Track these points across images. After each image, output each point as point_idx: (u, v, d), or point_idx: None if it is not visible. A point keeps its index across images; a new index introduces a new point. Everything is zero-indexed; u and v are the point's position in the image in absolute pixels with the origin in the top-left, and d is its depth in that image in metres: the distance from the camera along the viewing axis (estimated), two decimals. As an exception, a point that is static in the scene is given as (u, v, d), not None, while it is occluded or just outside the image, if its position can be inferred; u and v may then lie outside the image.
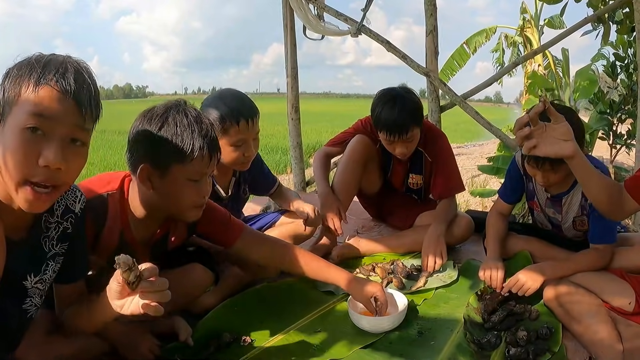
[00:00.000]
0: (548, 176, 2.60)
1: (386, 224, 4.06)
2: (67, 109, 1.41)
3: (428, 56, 5.00)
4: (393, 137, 3.16)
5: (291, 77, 5.59)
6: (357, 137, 3.46)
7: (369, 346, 2.33)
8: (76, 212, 1.80)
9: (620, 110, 7.62)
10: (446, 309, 2.70)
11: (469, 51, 15.23)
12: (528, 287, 2.55)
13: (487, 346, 2.27)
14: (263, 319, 2.58)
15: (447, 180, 3.46)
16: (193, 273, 2.47)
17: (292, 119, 5.63)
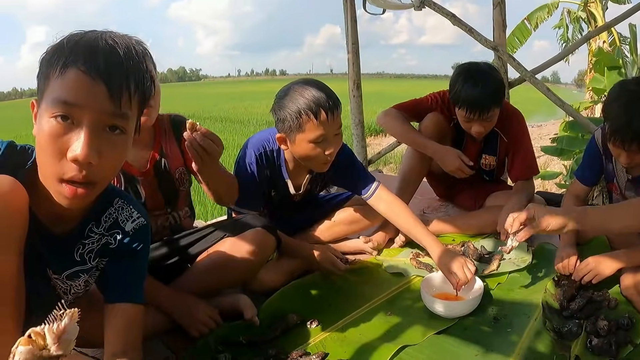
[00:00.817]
0: (633, 157, 2.44)
1: (453, 204, 3.93)
2: (96, 94, 1.26)
3: (495, 29, 4.79)
4: (472, 115, 3.02)
5: (352, 53, 5.43)
6: (431, 115, 3.31)
7: (443, 332, 2.23)
8: (126, 231, 1.65)
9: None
10: (521, 294, 2.58)
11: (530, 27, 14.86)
12: (596, 273, 2.42)
13: (568, 335, 2.14)
14: (331, 301, 2.52)
15: (525, 162, 3.30)
16: (256, 237, 2.34)
17: (353, 96, 5.48)
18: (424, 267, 2.81)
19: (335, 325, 2.30)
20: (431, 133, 3.26)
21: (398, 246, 3.15)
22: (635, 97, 2.34)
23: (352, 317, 2.37)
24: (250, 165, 2.58)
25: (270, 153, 2.62)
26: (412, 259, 2.90)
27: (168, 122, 2.40)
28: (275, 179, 2.70)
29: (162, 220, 2.43)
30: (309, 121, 2.35)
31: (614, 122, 2.39)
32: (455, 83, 3.06)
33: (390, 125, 3.35)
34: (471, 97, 2.96)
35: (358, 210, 3.04)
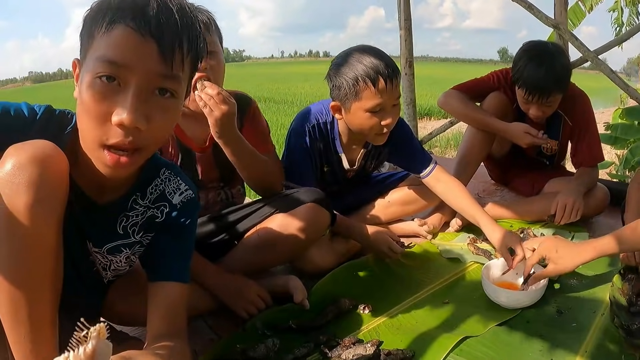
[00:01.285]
0: None
1: (509, 189, 3.81)
2: (145, 53, 1.18)
3: (557, 6, 4.62)
4: (532, 97, 2.89)
5: (404, 29, 5.27)
6: (494, 95, 3.19)
7: (505, 323, 2.11)
8: (174, 204, 1.56)
9: None
10: (585, 286, 2.44)
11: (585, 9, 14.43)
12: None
13: (637, 333, 1.98)
14: (384, 286, 2.42)
15: (591, 148, 3.16)
16: (310, 213, 2.25)
17: (405, 74, 5.32)
18: (482, 253, 2.70)
19: (389, 311, 2.20)
20: (495, 113, 3.14)
21: (454, 230, 3.05)
22: None
23: (407, 304, 2.27)
24: (303, 138, 2.54)
25: (324, 125, 2.57)
26: (469, 244, 2.80)
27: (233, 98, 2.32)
28: (328, 153, 2.66)
29: (213, 195, 2.37)
30: (366, 88, 2.28)
31: None
32: (519, 60, 2.93)
33: (454, 105, 3.24)
34: (533, 78, 2.83)
35: (413, 190, 2.97)
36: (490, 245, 2.76)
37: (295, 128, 2.60)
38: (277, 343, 1.88)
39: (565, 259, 2.17)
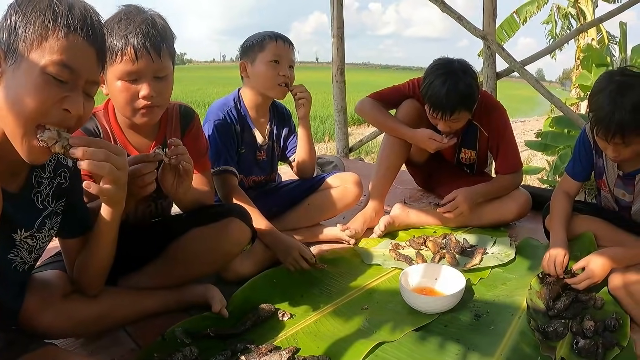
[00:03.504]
0: (619, 150, 2.36)
1: (435, 195, 3.86)
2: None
3: (485, 18, 4.71)
4: (436, 114, 2.96)
5: (337, 37, 5.32)
6: (407, 102, 3.25)
7: (423, 328, 2.12)
8: (69, 167, 1.74)
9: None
10: (504, 290, 2.48)
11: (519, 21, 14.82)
12: (595, 280, 2.32)
13: (552, 336, 2.04)
14: (304, 292, 2.42)
15: (507, 157, 3.23)
16: (230, 228, 2.23)
17: (337, 82, 5.36)
18: (403, 259, 2.72)
19: (308, 318, 2.19)
20: (408, 120, 3.20)
21: (377, 236, 3.06)
22: (620, 88, 2.27)
23: (326, 310, 2.26)
24: (222, 124, 2.72)
25: (235, 107, 2.81)
26: (391, 250, 2.82)
27: (177, 111, 2.31)
28: (244, 133, 2.83)
29: (143, 207, 2.32)
30: (270, 42, 2.72)
31: (597, 113, 2.33)
32: (426, 77, 3.00)
33: (367, 112, 3.33)
34: (436, 96, 2.91)
35: (332, 193, 2.99)
36: (414, 250, 2.82)
37: (213, 118, 2.73)
38: (195, 351, 1.86)
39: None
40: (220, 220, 2.23)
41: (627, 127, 2.23)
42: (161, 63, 1.92)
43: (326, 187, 3.00)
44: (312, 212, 2.99)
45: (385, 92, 3.37)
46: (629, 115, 2.20)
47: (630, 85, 2.26)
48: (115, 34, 1.85)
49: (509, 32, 14.45)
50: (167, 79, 2.00)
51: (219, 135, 2.68)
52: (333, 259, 2.74)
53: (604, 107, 2.27)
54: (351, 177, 3.03)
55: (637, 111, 2.21)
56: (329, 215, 3.04)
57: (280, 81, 2.73)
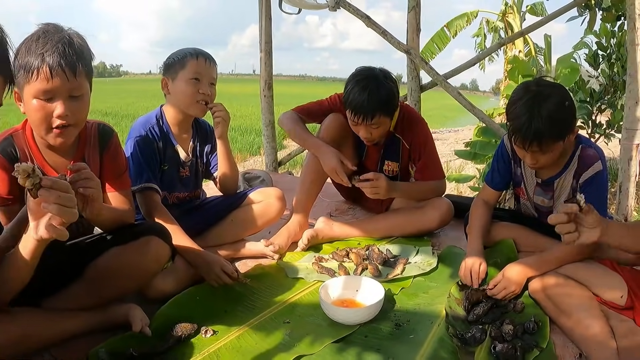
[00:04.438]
0: (537, 157, 2.45)
1: (361, 207, 3.90)
2: None
3: (409, 33, 4.81)
4: (357, 119, 3.00)
5: (265, 52, 5.36)
6: (332, 116, 3.28)
7: (342, 340, 2.14)
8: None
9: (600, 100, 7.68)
10: (425, 299, 2.53)
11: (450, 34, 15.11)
12: (512, 289, 2.38)
13: (471, 341, 2.09)
14: (228, 308, 2.41)
15: (428, 168, 3.30)
16: (149, 246, 2.23)
17: (264, 96, 5.40)
18: (326, 271, 2.74)
19: (231, 334, 2.18)
20: (331, 134, 3.23)
21: (301, 250, 3.08)
22: (536, 98, 2.35)
23: (249, 325, 2.26)
24: (145, 141, 2.71)
25: (157, 124, 2.80)
26: (314, 263, 2.84)
27: (95, 130, 2.28)
28: (167, 150, 2.83)
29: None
30: (190, 60, 2.72)
31: (515, 122, 2.40)
32: (348, 84, 3.04)
33: (286, 125, 3.35)
34: (357, 101, 2.95)
35: (255, 209, 3.00)
36: (337, 262, 2.85)
37: (135, 135, 2.72)
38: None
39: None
40: (138, 238, 2.22)
41: (544, 135, 2.31)
42: (77, 82, 1.91)
43: (249, 202, 3.01)
44: (236, 227, 2.99)
45: (308, 106, 3.41)
46: (545, 124, 2.28)
47: (545, 95, 2.35)
48: (32, 52, 1.83)
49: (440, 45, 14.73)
50: (83, 99, 1.98)
51: (141, 152, 2.67)
52: (257, 274, 2.74)
53: (521, 117, 2.34)
54: (274, 192, 3.05)
55: (552, 119, 2.29)
56: (252, 230, 3.04)
57: (200, 99, 2.72)
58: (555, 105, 2.32)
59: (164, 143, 2.79)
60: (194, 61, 2.71)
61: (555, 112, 2.31)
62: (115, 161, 2.30)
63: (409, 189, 3.28)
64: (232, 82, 20.96)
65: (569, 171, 2.59)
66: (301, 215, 3.22)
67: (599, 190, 2.53)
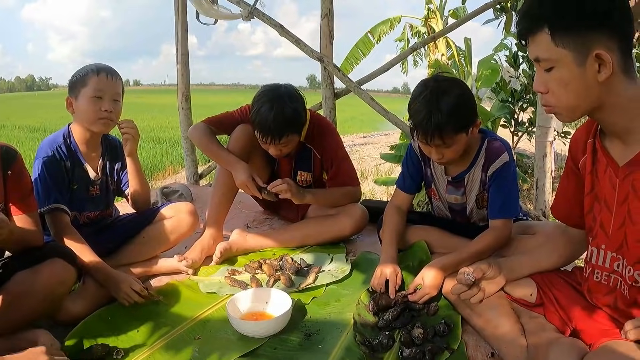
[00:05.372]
0: (442, 152, 2.51)
1: (279, 217, 3.91)
2: None
3: (322, 41, 4.85)
4: (265, 139, 3.02)
5: (182, 64, 5.31)
6: (240, 127, 3.28)
7: (251, 353, 2.14)
8: None
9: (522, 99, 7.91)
10: (337, 307, 2.54)
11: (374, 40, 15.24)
12: (433, 293, 2.41)
13: (378, 348, 2.11)
14: (139, 327, 2.37)
15: (340, 175, 3.32)
16: (53, 269, 2.19)
17: (182, 109, 5.35)
18: (238, 284, 2.73)
19: (142, 353, 2.16)
20: (240, 145, 3.23)
21: (215, 263, 3.05)
22: (434, 92, 2.42)
23: (160, 343, 2.23)
24: (51, 162, 2.66)
25: (65, 143, 2.76)
26: (227, 277, 2.82)
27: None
28: (75, 169, 2.78)
29: None
30: (92, 77, 2.67)
31: (415, 118, 2.46)
32: (254, 103, 3.04)
33: (195, 137, 3.33)
34: (264, 123, 2.95)
35: (166, 224, 2.98)
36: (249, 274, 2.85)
37: (42, 155, 2.67)
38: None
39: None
40: (43, 262, 2.18)
41: (444, 127, 2.37)
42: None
43: (160, 218, 2.98)
44: (148, 244, 2.95)
45: (219, 118, 3.39)
46: (444, 117, 2.35)
47: (443, 89, 2.42)
48: None
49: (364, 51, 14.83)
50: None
51: (48, 172, 2.62)
52: (170, 291, 2.71)
53: (421, 112, 2.40)
54: (185, 206, 3.03)
55: (450, 112, 2.36)
56: (165, 246, 3.01)
57: (103, 116, 2.68)
58: (453, 98, 2.40)
59: (72, 162, 2.75)
60: (94, 78, 2.67)
61: (453, 105, 2.38)
62: (19, 183, 2.24)
63: (321, 195, 3.29)
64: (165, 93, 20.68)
65: (477, 165, 2.66)
66: (214, 228, 3.21)
67: (508, 182, 2.61)
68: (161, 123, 26.62)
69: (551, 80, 1.69)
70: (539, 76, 1.73)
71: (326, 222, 3.27)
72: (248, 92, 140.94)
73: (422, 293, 2.39)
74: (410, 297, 2.40)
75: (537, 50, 1.69)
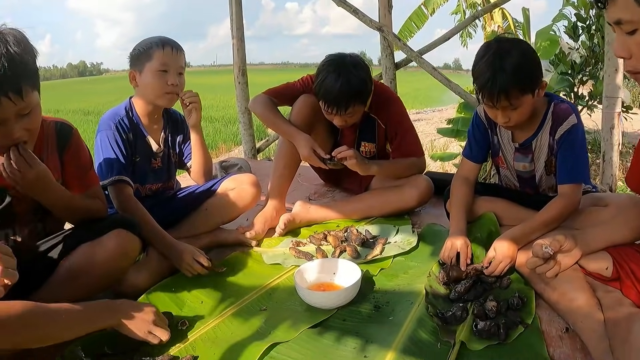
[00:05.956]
0: (509, 114, 2.42)
1: (340, 189, 3.86)
2: None
3: (381, 10, 4.77)
4: (331, 110, 2.96)
5: (237, 38, 5.28)
6: (303, 98, 3.22)
7: (320, 324, 2.09)
8: None
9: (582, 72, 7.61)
10: (405, 279, 2.47)
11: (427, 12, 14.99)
12: (509, 261, 2.32)
13: (451, 320, 2.04)
14: (204, 298, 2.35)
15: (406, 146, 3.25)
16: (118, 240, 2.16)
17: (239, 83, 5.33)
18: (303, 256, 2.69)
19: (207, 325, 2.13)
20: (303, 116, 3.18)
21: (278, 235, 3.03)
22: (497, 53, 2.35)
23: (225, 315, 2.20)
24: (113, 135, 2.64)
25: (127, 116, 2.75)
26: (291, 248, 2.78)
27: (53, 129, 2.19)
28: (137, 141, 2.77)
29: (31, 228, 2.22)
30: (157, 50, 2.65)
31: (480, 80, 2.39)
32: (319, 74, 2.98)
33: (256, 109, 3.29)
34: (330, 93, 2.90)
35: (229, 196, 2.93)
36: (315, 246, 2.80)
37: (104, 128, 2.66)
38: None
39: None
40: (107, 233, 2.15)
41: (510, 87, 2.29)
42: (23, 102, 1.79)
43: (223, 190, 2.94)
44: (211, 216, 2.92)
45: (279, 89, 3.34)
46: (510, 76, 2.28)
47: (506, 49, 2.35)
48: None
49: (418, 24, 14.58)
50: (34, 111, 1.88)
51: (111, 144, 2.60)
52: (233, 262, 2.69)
53: (485, 73, 2.33)
54: (247, 178, 2.98)
55: (515, 71, 2.28)
56: (228, 218, 2.98)
57: (169, 90, 2.67)
58: (517, 57, 2.32)
59: (134, 135, 2.73)
60: (160, 51, 2.64)
61: (517, 64, 2.30)
62: (78, 160, 2.23)
63: (387, 166, 3.21)
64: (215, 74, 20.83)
65: (545, 129, 2.56)
66: (277, 200, 3.17)
67: (577, 145, 2.50)
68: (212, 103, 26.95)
69: (634, 44, 1.55)
70: (621, 40, 1.59)
71: (391, 193, 3.20)
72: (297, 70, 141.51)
73: (496, 263, 2.30)
74: (486, 270, 2.32)
75: (618, 12, 1.55)
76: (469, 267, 2.37)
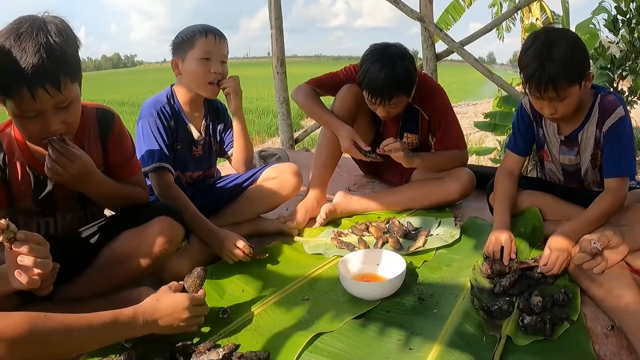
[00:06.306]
0: (555, 106, 2.37)
1: (380, 180, 3.84)
2: None
3: (422, 1, 4.71)
4: (374, 99, 2.93)
5: (275, 28, 5.27)
6: (346, 87, 3.19)
7: (363, 316, 2.07)
8: None
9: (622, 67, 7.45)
10: (449, 271, 2.45)
11: (464, 4, 14.85)
12: (566, 256, 2.24)
13: (497, 314, 2.01)
14: (245, 287, 2.35)
15: (449, 138, 3.22)
16: (162, 227, 2.16)
17: (277, 73, 5.34)
18: (345, 246, 2.68)
19: (248, 313, 2.13)
20: (346, 106, 3.15)
21: (319, 225, 3.02)
22: (545, 43, 2.30)
23: (266, 304, 2.19)
24: (155, 123, 2.65)
25: (168, 103, 2.75)
26: (333, 238, 2.77)
27: (94, 116, 2.19)
28: (179, 129, 2.78)
29: (72, 215, 2.24)
30: (199, 38, 2.65)
31: (527, 70, 2.34)
32: (363, 63, 2.96)
33: (299, 99, 3.28)
34: (374, 82, 2.88)
35: (270, 185, 2.92)
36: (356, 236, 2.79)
37: (145, 115, 2.67)
38: (133, 355, 1.80)
39: None
40: (150, 220, 2.16)
41: (558, 78, 2.25)
42: (62, 95, 1.78)
43: (264, 179, 2.94)
44: (252, 205, 2.92)
45: (322, 79, 3.32)
46: (558, 67, 2.23)
47: (554, 39, 2.30)
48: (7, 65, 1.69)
49: (454, 16, 14.45)
50: (73, 104, 1.87)
51: (153, 132, 2.61)
52: (275, 251, 2.68)
53: (533, 63, 2.29)
54: (289, 167, 2.96)
55: (564, 62, 2.24)
56: (268, 207, 2.97)
57: (212, 79, 2.67)
58: (565, 48, 2.27)
59: (175, 122, 2.74)
60: (203, 39, 2.64)
61: (566, 54, 2.25)
62: (121, 147, 2.23)
63: (430, 158, 3.19)
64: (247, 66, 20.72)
65: (591, 122, 2.51)
66: (318, 190, 3.16)
67: (624, 138, 2.44)
68: (246, 94, 26.47)
69: None
70: None
71: (433, 185, 3.17)
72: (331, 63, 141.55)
73: (554, 259, 2.23)
74: (544, 268, 2.25)
75: None
76: (517, 263, 2.33)
